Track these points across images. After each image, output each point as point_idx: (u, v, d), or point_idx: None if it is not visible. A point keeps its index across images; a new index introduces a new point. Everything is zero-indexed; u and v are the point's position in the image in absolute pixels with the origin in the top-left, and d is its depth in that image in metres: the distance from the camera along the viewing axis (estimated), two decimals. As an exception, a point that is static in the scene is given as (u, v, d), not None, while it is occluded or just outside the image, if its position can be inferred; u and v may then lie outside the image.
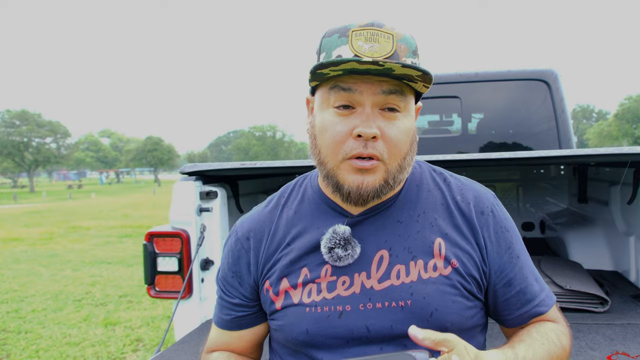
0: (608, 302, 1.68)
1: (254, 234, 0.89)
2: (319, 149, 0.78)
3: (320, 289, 0.81)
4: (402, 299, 0.77)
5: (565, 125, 2.83)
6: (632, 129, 44.11)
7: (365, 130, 0.73)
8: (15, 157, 41.94)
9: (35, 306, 4.78)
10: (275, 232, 0.88)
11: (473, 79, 2.93)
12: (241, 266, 0.89)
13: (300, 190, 0.92)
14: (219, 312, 0.93)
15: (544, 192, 3.26)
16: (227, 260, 0.91)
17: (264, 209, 0.92)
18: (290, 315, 0.82)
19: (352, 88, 0.74)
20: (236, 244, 0.90)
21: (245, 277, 0.88)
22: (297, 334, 0.81)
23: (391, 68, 0.71)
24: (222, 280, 0.92)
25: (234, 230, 0.93)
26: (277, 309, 0.84)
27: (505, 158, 1.57)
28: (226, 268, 0.91)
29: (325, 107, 0.78)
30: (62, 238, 9.78)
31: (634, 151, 1.49)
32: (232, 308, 0.91)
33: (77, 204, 21.22)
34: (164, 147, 57.28)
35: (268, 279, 0.86)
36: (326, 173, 0.78)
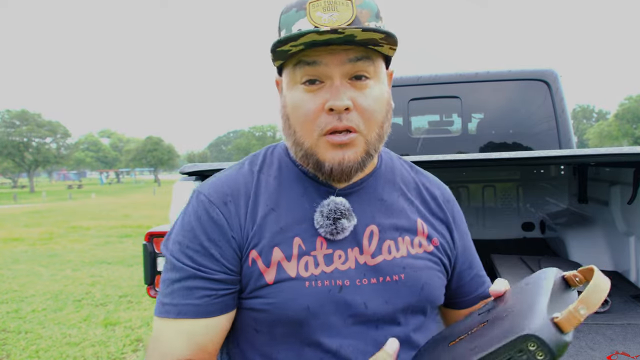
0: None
1: (231, 198, 0.76)
2: (293, 129, 0.75)
3: (317, 262, 0.74)
4: (395, 273, 0.77)
5: (565, 125, 2.83)
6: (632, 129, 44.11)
7: (336, 102, 0.70)
8: (15, 157, 41.93)
9: (35, 306, 4.78)
10: (256, 196, 0.77)
11: (473, 79, 2.93)
12: (221, 234, 0.74)
13: (274, 160, 0.83)
14: (185, 297, 0.71)
15: (544, 192, 3.26)
16: (198, 230, 0.74)
17: (236, 172, 0.80)
18: (287, 290, 0.72)
19: (317, 61, 0.71)
20: (210, 210, 0.75)
21: (225, 246, 0.73)
22: (295, 312, 0.71)
23: (352, 34, 0.68)
24: (190, 257, 0.73)
25: (202, 196, 0.77)
26: (267, 283, 0.72)
27: (505, 158, 1.57)
28: (197, 240, 0.73)
29: (293, 85, 0.74)
30: (62, 238, 9.78)
31: (634, 151, 1.49)
32: (212, 287, 0.72)
33: (77, 204, 21.22)
34: (164, 147, 57.26)
35: (254, 247, 0.73)
36: (304, 153, 0.75)
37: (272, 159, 0.83)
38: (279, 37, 0.71)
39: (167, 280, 0.73)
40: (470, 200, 3.32)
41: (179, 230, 0.76)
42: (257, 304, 0.73)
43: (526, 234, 3.16)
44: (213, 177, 0.81)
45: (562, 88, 2.87)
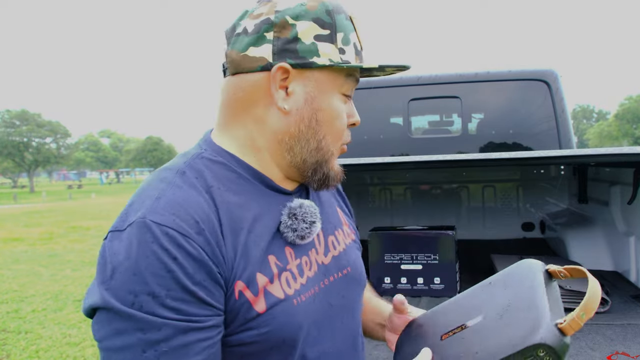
0: (608, 302, 1.68)
1: (204, 225, 0.61)
2: (323, 135, 0.71)
3: (294, 275, 0.69)
4: (344, 267, 0.79)
5: (565, 126, 2.83)
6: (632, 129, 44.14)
7: (358, 119, 0.76)
8: (15, 157, 41.95)
9: (35, 306, 4.78)
10: (225, 220, 0.64)
11: (473, 79, 2.93)
12: (206, 273, 0.60)
13: (216, 170, 0.69)
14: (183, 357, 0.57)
15: (544, 192, 3.26)
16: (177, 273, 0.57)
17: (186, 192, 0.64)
18: (279, 315, 0.65)
19: (359, 80, 0.75)
20: (185, 245, 0.58)
21: (212, 286, 0.60)
22: (289, 334, 0.66)
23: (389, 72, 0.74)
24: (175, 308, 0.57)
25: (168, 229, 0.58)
26: (259, 313, 0.64)
27: (505, 158, 1.57)
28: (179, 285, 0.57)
29: (333, 91, 0.71)
30: (62, 238, 9.78)
31: (634, 151, 1.49)
32: (208, 337, 0.60)
33: (77, 204, 21.22)
34: (164, 147, 57.30)
35: (240, 278, 0.63)
36: (317, 159, 0.72)
37: (212, 170, 0.69)
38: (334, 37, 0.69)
39: (143, 344, 0.56)
40: (470, 201, 3.32)
41: (142, 277, 0.56)
42: (248, 337, 0.64)
43: (526, 234, 3.16)
44: (156, 200, 0.61)
45: (562, 88, 2.87)
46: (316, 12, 0.69)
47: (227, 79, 0.71)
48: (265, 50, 0.68)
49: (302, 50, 0.68)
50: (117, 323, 0.56)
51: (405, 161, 1.67)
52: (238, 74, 0.70)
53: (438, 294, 1.92)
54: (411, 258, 2.06)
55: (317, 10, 0.69)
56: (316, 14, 0.69)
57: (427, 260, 2.03)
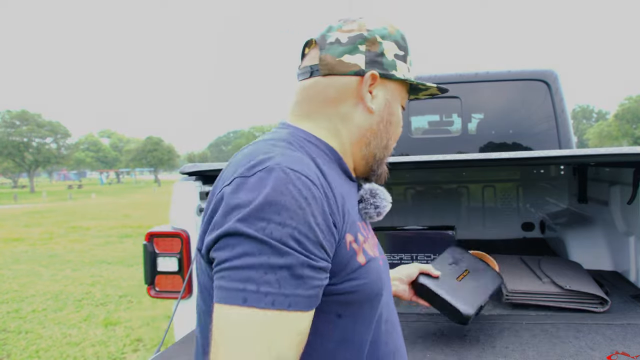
0: (608, 302, 1.68)
1: (322, 181, 0.69)
2: (391, 135, 0.88)
3: (373, 242, 0.82)
4: (382, 253, 0.90)
5: (565, 126, 2.84)
6: (632, 129, 44.12)
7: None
8: (16, 157, 41.94)
9: (36, 306, 4.78)
10: (329, 182, 0.72)
11: (473, 79, 2.93)
12: (324, 216, 0.66)
13: (312, 148, 0.78)
14: (296, 287, 0.62)
15: (544, 192, 3.26)
16: (306, 212, 0.64)
17: (300, 155, 0.72)
18: (373, 269, 0.75)
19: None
20: (312, 189, 0.66)
21: (327, 231, 0.66)
22: (379, 289, 0.76)
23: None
24: (299, 241, 0.62)
25: (301, 176, 0.66)
26: (361, 264, 0.72)
27: (505, 158, 1.57)
28: (306, 223, 0.63)
29: (397, 101, 0.87)
30: (62, 238, 9.79)
31: (634, 151, 1.50)
32: (318, 277, 0.65)
33: (77, 204, 21.22)
34: (164, 148, 57.26)
35: (349, 231, 0.71)
36: (382, 156, 0.88)
37: (309, 147, 0.77)
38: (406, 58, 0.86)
39: (266, 267, 0.61)
40: (470, 201, 3.32)
41: (278, 210, 0.62)
42: (350, 287, 0.71)
43: (526, 234, 3.16)
44: (286, 156, 0.69)
45: (562, 88, 2.87)
46: (395, 35, 0.85)
47: (317, 78, 0.82)
48: (358, 59, 0.81)
49: (386, 64, 0.83)
50: (246, 246, 0.61)
51: (405, 161, 1.67)
52: (330, 75, 0.81)
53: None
54: (411, 258, 2.06)
55: (396, 34, 0.85)
56: (395, 37, 0.85)
57: (427, 260, 2.03)
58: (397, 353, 0.85)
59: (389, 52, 0.83)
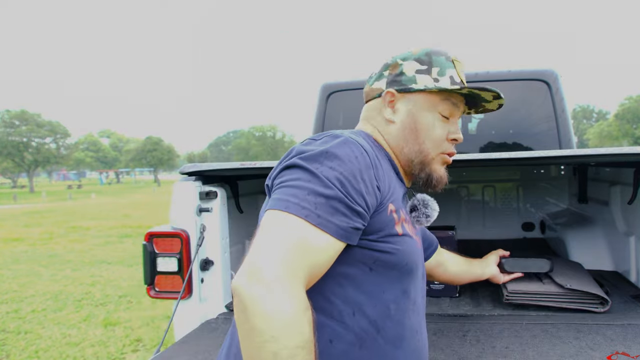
0: (608, 302, 1.68)
1: (373, 157, 0.87)
2: (423, 140, 0.99)
3: (412, 229, 0.96)
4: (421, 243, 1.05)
5: (565, 125, 2.83)
6: (632, 129, 44.12)
7: (460, 136, 1.02)
8: (15, 157, 41.92)
9: (35, 306, 4.78)
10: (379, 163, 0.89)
11: (473, 79, 2.93)
12: (370, 176, 0.83)
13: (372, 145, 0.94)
14: (329, 215, 0.76)
15: (544, 192, 3.26)
16: (352, 164, 0.81)
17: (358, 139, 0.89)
18: (408, 243, 0.90)
19: (457, 105, 1.01)
20: (365, 154, 0.84)
21: (371, 188, 0.82)
22: (411, 262, 0.90)
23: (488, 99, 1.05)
24: (342, 183, 0.78)
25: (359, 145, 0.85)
26: (397, 233, 0.88)
27: (505, 158, 1.57)
28: (350, 171, 0.79)
29: (432, 110, 0.99)
30: (62, 238, 9.78)
31: (634, 151, 1.49)
32: (351, 216, 0.78)
33: (77, 204, 21.22)
34: (164, 147, 57.26)
35: (392, 202, 0.89)
36: (421, 160, 0.99)
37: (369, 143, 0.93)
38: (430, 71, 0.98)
39: (310, 190, 0.76)
40: (470, 201, 3.32)
41: (333, 159, 0.80)
42: (386, 247, 0.85)
43: (526, 234, 3.16)
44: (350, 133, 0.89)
45: (562, 88, 2.87)
46: (418, 54, 1.00)
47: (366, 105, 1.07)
48: (382, 83, 1.02)
49: (404, 80, 0.99)
50: (300, 173, 0.79)
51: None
52: (369, 101, 1.05)
53: (438, 294, 1.92)
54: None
55: (419, 53, 1.00)
56: (418, 55, 1.00)
57: (427, 260, 2.02)
58: (419, 334, 0.95)
59: (409, 70, 0.99)
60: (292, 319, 0.66)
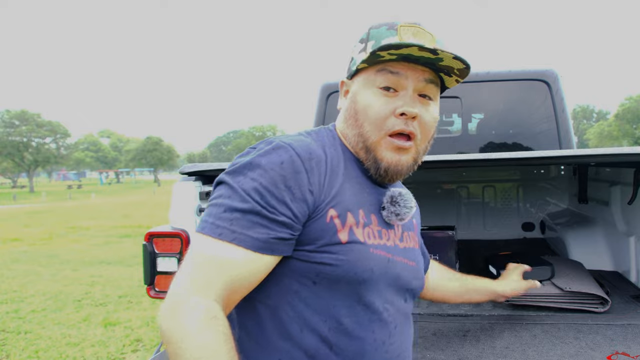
0: (608, 302, 1.68)
1: (314, 157, 0.81)
2: (362, 123, 0.87)
3: (374, 234, 0.85)
4: (412, 259, 0.93)
5: (565, 126, 2.83)
6: (632, 129, 44.12)
7: (409, 109, 0.84)
8: (15, 157, 41.92)
9: (35, 306, 4.78)
10: (332, 164, 0.84)
11: (473, 79, 2.93)
12: (298, 183, 0.78)
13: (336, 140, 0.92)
14: (245, 229, 0.74)
15: (544, 192, 3.26)
16: (274, 172, 0.77)
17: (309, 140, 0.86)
18: (357, 251, 0.81)
19: (399, 72, 0.85)
20: (293, 159, 0.79)
21: (299, 195, 0.77)
22: (361, 272, 0.80)
23: (441, 58, 0.82)
24: (259, 192, 0.76)
25: (286, 145, 0.80)
26: (341, 241, 0.80)
27: (505, 158, 1.56)
28: (271, 180, 0.76)
29: (370, 87, 0.87)
30: (62, 238, 9.78)
31: (634, 151, 1.49)
32: (272, 227, 0.75)
33: (77, 204, 21.21)
34: (164, 147, 57.28)
35: (334, 207, 0.81)
36: (365, 147, 0.87)
37: (333, 140, 0.91)
38: (366, 47, 0.87)
39: (227, 207, 0.76)
40: (470, 201, 3.32)
41: (255, 169, 0.78)
42: (328, 259, 0.79)
43: (526, 234, 3.16)
44: (290, 138, 0.84)
45: (562, 88, 2.87)
46: (362, 36, 0.92)
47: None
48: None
49: (352, 66, 0.92)
50: (223, 189, 0.79)
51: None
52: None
53: (438, 294, 1.92)
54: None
55: (363, 35, 0.91)
56: (361, 37, 0.92)
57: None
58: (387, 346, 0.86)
59: (355, 54, 0.92)
60: (190, 332, 0.67)
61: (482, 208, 3.29)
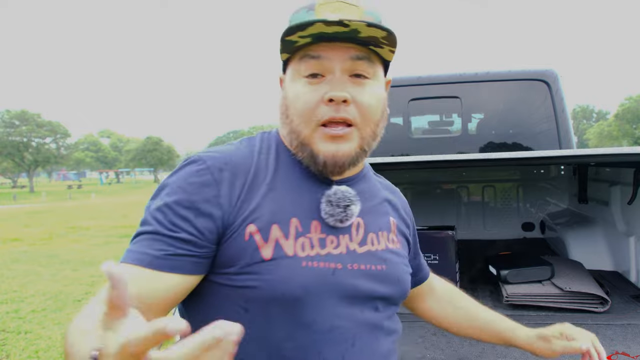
0: (608, 302, 1.68)
1: (228, 167, 0.76)
2: (291, 119, 0.79)
3: (312, 244, 0.76)
4: (379, 263, 0.82)
5: (565, 126, 2.83)
6: (632, 129, 44.13)
7: (336, 93, 0.74)
8: (15, 157, 41.92)
9: (35, 306, 4.78)
10: (256, 173, 0.78)
11: (473, 79, 2.93)
12: (204, 197, 0.72)
13: (272, 144, 0.84)
14: (147, 247, 0.70)
15: (544, 192, 3.26)
16: (179, 188, 0.73)
17: (235, 149, 0.80)
18: (284, 267, 0.72)
19: (321, 55, 0.76)
20: (201, 172, 0.74)
21: (205, 210, 0.72)
22: (292, 290, 0.72)
23: (357, 29, 0.72)
24: (161, 212, 0.72)
25: (198, 159, 0.76)
26: (264, 259, 0.72)
27: (505, 158, 1.57)
28: (173, 197, 0.72)
29: (296, 78, 0.78)
30: (62, 238, 9.78)
31: (634, 151, 1.49)
32: (172, 244, 0.70)
33: (77, 204, 21.22)
34: (164, 147, 57.30)
35: (253, 222, 0.73)
36: (299, 143, 0.78)
37: (269, 143, 0.84)
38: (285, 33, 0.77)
39: (137, 233, 0.74)
40: (470, 201, 3.32)
41: (164, 189, 0.75)
42: (251, 281, 0.72)
43: (526, 234, 3.16)
44: (211, 150, 0.80)
45: (562, 88, 2.87)
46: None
47: None
48: None
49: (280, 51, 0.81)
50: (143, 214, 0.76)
51: (405, 161, 1.67)
52: None
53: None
54: (411, 258, 2.05)
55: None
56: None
57: (427, 260, 2.02)
58: None
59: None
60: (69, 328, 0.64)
61: (482, 208, 3.29)
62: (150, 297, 0.69)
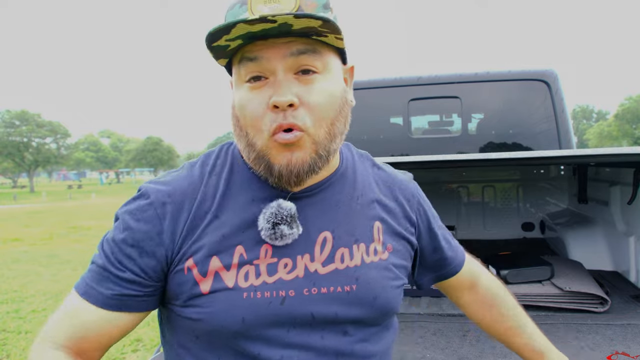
0: (608, 302, 1.68)
1: (172, 200, 0.72)
2: (245, 131, 0.71)
3: (259, 271, 0.71)
4: (347, 283, 0.74)
5: (565, 126, 2.84)
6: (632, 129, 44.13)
7: (279, 99, 0.66)
8: (15, 157, 41.92)
9: (35, 306, 4.78)
10: (202, 202, 0.73)
11: (473, 79, 2.93)
12: (147, 235, 0.71)
13: (228, 161, 0.78)
14: (96, 283, 0.71)
15: (544, 192, 3.26)
16: (125, 224, 0.72)
17: (186, 174, 0.76)
18: (222, 301, 0.69)
19: (258, 57, 0.67)
20: (145, 208, 0.72)
21: (148, 249, 0.70)
22: (229, 324, 0.69)
23: (286, 22, 0.63)
24: (110, 248, 0.72)
25: (144, 192, 0.73)
26: (202, 292, 0.70)
27: (505, 158, 1.57)
28: (121, 234, 0.71)
29: (240, 84, 0.71)
30: (62, 238, 9.79)
31: (634, 151, 1.50)
32: (119, 283, 0.71)
33: (77, 204, 21.23)
34: (164, 148, 57.30)
35: (192, 256, 0.71)
36: (256, 155, 0.70)
37: (225, 159, 0.78)
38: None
39: (91, 262, 0.75)
40: (470, 201, 3.32)
41: (116, 221, 0.75)
42: (193, 314, 0.71)
43: (526, 234, 3.16)
44: (162, 175, 0.78)
45: (562, 88, 2.87)
46: None
47: None
48: None
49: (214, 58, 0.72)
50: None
51: (405, 161, 1.67)
52: None
53: (438, 294, 1.92)
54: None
55: None
56: None
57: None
58: None
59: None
60: None
61: (482, 208, 3.29)
62: (96, 331, 0.72)
